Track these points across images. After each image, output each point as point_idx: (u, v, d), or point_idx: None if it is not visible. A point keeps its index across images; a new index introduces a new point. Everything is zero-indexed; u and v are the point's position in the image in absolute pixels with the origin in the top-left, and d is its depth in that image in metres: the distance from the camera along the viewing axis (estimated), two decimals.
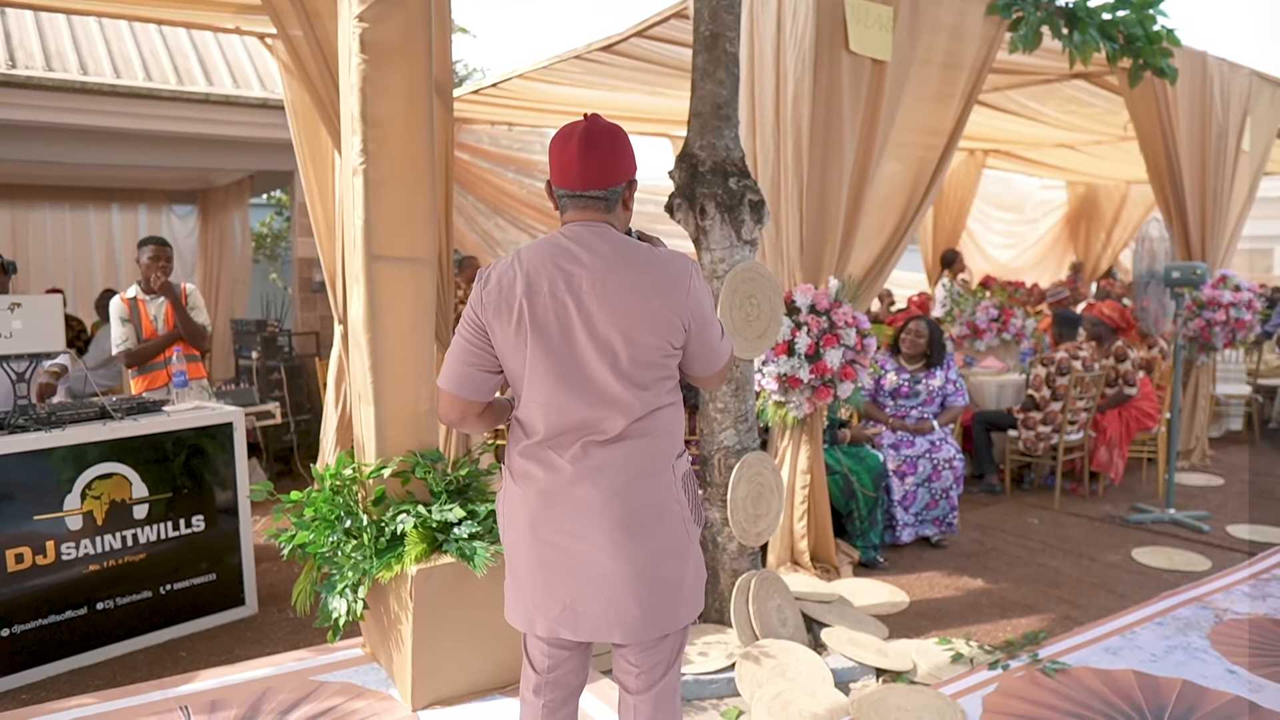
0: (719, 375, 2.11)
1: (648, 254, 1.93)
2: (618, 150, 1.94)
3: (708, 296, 1.99)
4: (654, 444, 1.96)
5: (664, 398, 1.97)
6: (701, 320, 1.96)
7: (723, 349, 2.07)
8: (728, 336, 2.09)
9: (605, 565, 1.92)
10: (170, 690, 3.23)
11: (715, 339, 2.03)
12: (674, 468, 2.00)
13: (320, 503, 3.15)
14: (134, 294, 5.01)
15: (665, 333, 1.91)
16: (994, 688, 3.40)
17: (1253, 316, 6.72)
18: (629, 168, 1.97)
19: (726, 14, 3.55)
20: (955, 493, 5.08)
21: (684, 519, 2.00)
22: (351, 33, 3.07)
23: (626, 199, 2.00)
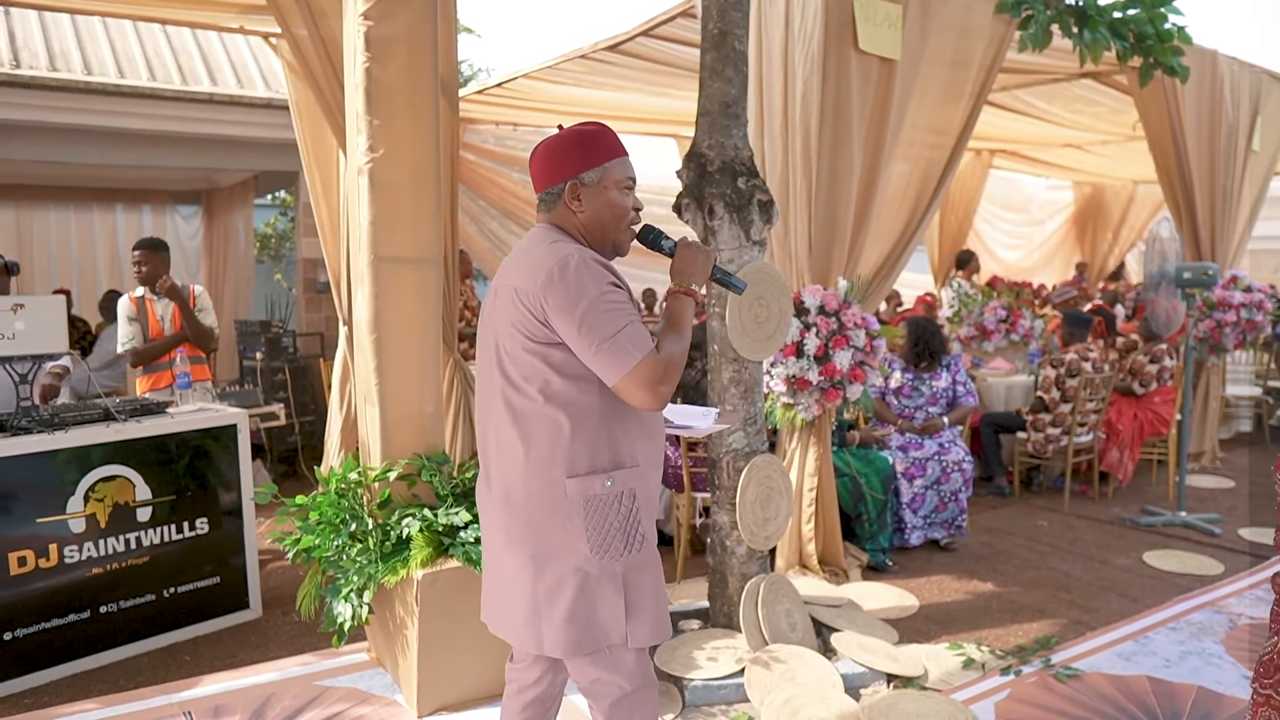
0: (631, 388, 1.84)
1: (536, 247, 1.94)
2: (556, 153, 2.00)
3: (580, 293, 1.83)
4: (536, 454, 1.92)
5: (543, 404, 1.91)
6: (566, 316, 1.83)
7: (606, 355, 1.83)
8: (626, 348, 1.82)
9: (495, 567, 2.07)
10: (174, 695, 3.20)
11: (586, 342, 1.84)
12: (566, 488, 1.90)
13: (325, 506, 3.11)
14: (142, 293, 4.99)
15: (520, 323, 1.90)
16: (1006, 694, 3.36)
17: (1264, 317, 6.66)
18: (567, 168, 1.98)
19: (735, 11, 3.51)
20: (964, 495, 5.03)
21: (566, 550, 1.92)
22: (357, 31, 3.04)
23: (568, 198, 1.99)
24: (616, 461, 1.94)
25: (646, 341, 1.85)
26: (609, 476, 1.92)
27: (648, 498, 2.01)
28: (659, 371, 1.83)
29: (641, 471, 1.98)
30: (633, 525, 1.94)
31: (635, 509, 1.94)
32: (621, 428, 1.95)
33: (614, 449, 1.94)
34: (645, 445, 2.01)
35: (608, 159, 2.00)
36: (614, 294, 1.85)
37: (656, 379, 1.83)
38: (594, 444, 1.91)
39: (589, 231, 2.00)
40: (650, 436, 2.05)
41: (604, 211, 1.99)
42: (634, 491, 1.94)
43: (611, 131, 2.05)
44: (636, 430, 1.99)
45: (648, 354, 1.83)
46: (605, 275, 1.87)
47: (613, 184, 1.99)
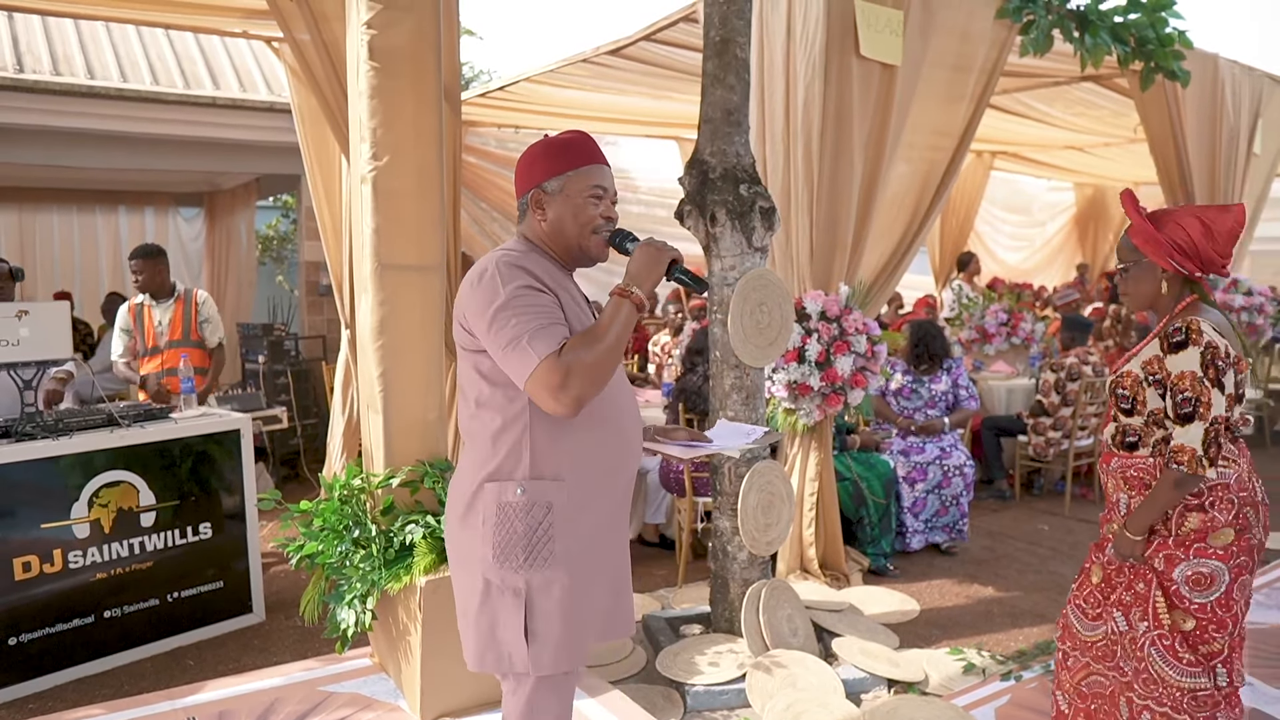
0: (535, 392, 1.77)
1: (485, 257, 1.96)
2: (523, 164, 2.01)
3: (492, 296, 1.81)
4: (469, 457, 1.95)
5: (475, 410, 1.92)
6: (480, 320, 1.83)
7: (511, 359, 1.79)
8: (526, 350, 1.77)
9: None
10: (178, 701, 3.21)
11: (494, 345, 1.81)
12: (484, 491, 1.89)
13: (328, 513, 3.13)
14: (141, 300, 5.01)
15: (456, 332, 1.94)
16: (1007, 699, 3.37)
17: (1265, 321, 6.67)
18: (532, 178, 1.98)
19: (737, 19, 3.52)
20: (965, 500, 5.04)
21: (476, 554, 1.89)
22: (360, 40, 3.05)
23: (532, 207, 1.99)
24: (535, 471, 1.87)
25: (549, 346, 1.76)
26: (523, 485, 1.86)
27: (571, 513, 1.89)
28: (558, 375, 1.73)
29: (564, 487, 1.88)
30: (539, 538, 1.86)
31: (547, 523, 1.86)
32: (549, 438, 1.87)
33: (535, 458, 1.87)
34: (579, 460, 1.91)
35: (571, 167, 1.96)
36: (526, 295, 1.80)
37: (556, 384, 1.73)
38: (515, 451, 1.88)
39: (552, 239, 1.98)
40: (590, 454, 1.93)
41: (565, 219, 1.95)
42: (549, 504, 1.86)
43: (585, 141, 2.01)
44: (569, 443, 1.89)
45: (547, 356, 1.74)
46: (521, 276, 1.83)
47: (575, 192, 1.95)
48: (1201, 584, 2.28)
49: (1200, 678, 2.26)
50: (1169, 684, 2.28)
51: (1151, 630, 2.31)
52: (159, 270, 4.99)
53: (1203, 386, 2.22)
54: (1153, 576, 2.33)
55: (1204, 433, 2.21)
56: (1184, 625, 2.28)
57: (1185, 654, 2.27)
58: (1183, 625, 2.28)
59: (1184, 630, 2.28)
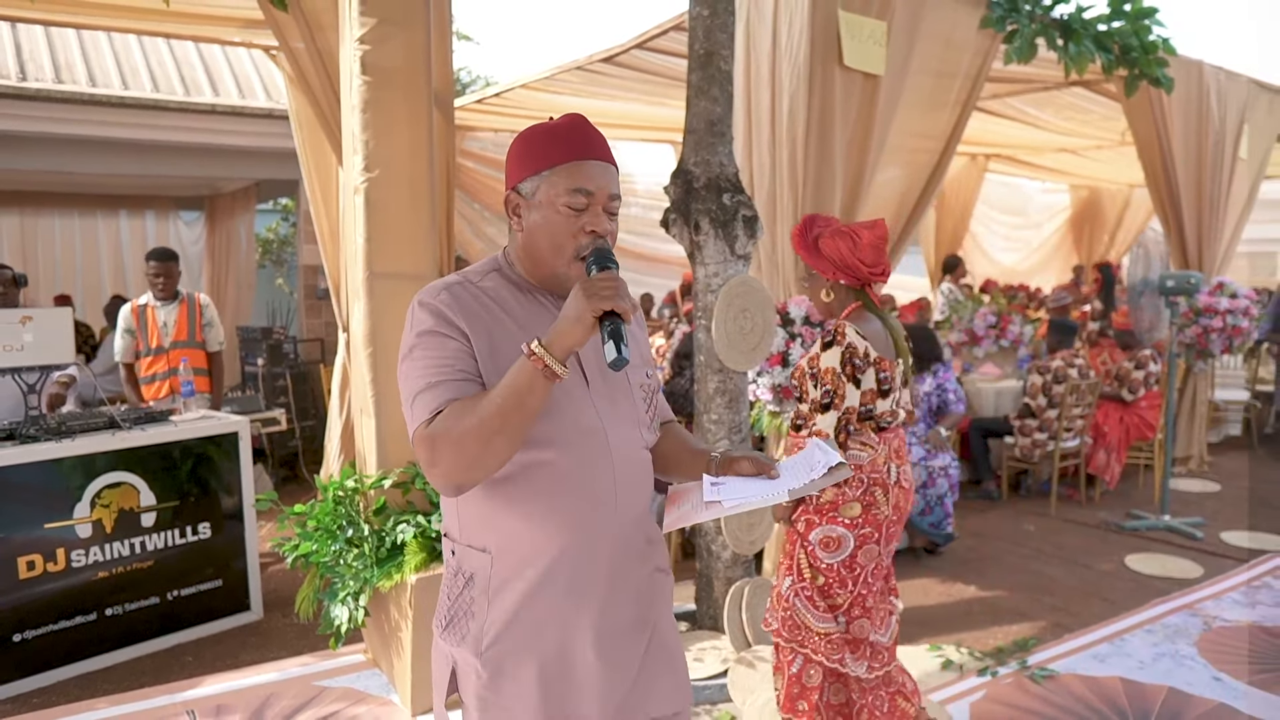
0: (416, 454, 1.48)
1: None
2: (507, 158, 1.61)
3: (403, 344, 1.55)
4: None
5: None
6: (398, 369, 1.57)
7: (406, 410, 1.52)
8: (409, 413, 1.51)
9: None
10: (177, 695, 3.32)
11: (403, 398, 1.54)
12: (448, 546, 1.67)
13: (323, 513, 3.23)
14: (145, 301, 5.10)
15: None
16: (982, 695, 3.46)
17: (1249, 323, 6.76)
18: (510, 176, 1.60)
19: (721, 33, 3.62)
20: (950, 500, 5.13)
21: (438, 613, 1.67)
22: (353, 55, 3.15)
23: (509, 213, 1.60)
24: (465, 535, 1.61)
25: (424, 411, 1.47)
26: (453, 547, 1.63)
27: (494, 595, 1.56)
28: (424, 450, 1.44)
29: (489, 560, 1.56)
30: (459, 611, 1.59)
31: (468, 597, 1.58)
32: (477, 503, 1.57)
33: (464, 519, 1.61)
34: (504, 535, 1.56)
35: (549, 164, 1.52)
36: (423, 343, 1.50)
37: (424, 458, 1.45)
38: (454, 507, 1.63)
39: (524, 255, 1.60)
40: (519, 530, 1.55)
41: (535, 234, 1.55)
42: (470, 576, 1.58)
43: (574, 127, 1.56)
44: (495, 513, 1.56)
45: (417, 428, 1.46)
46: (428, 320, 1.51)
47: (552, 198, 1.52)
48: (830, 546, 2.68)
49: (829, 623, 2.68)
50: (810, 629, 2.69)
51: (796, 583, 2.72)
52: (177, 272, 5.12)
53: (839, 381, 2.64)
54: (796, 538, 2.75)
55: (836, 420, 2.64)
56: (817, 581, 2.70)
57: (820, 603, 2.69)
58: (816, 580, 2.70)
59: (818, 585, 2.70)
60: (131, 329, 5.07)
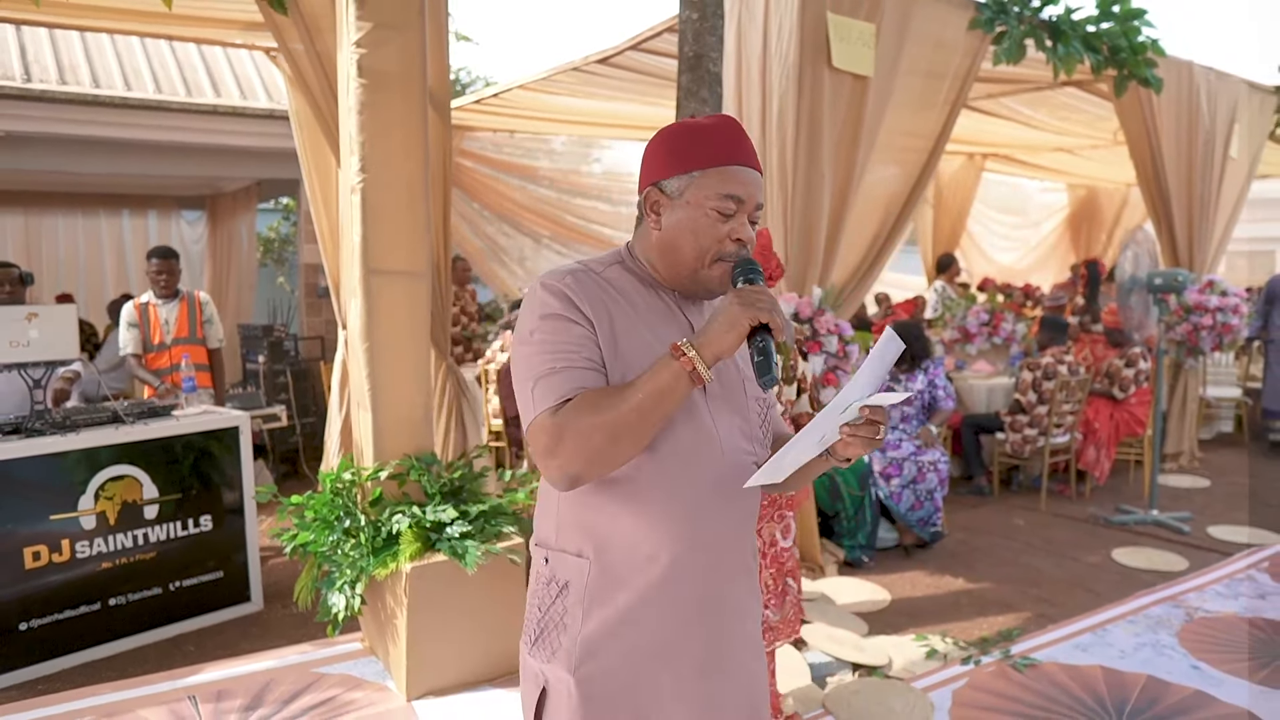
0: (532, 449, 1.43)
1: None
2: (647, 153, 1.57)
3: (521, 326, 1.50)
4: None
5: None
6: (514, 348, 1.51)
7: (522, 405, 1.47)
8: (529, 398, 1.44)
9: None
10: (179, 681, 3.41)
11: (515, 373, 1.49)
12: (540, 554, 1.58)
13: (320, 504, 3.32)
14: (147, 299, 5.20)
15: None
16: (964, 682, 3.54)
17: (1239, 321, 6.83)
18: (651, 172, 1.54)
19: (709, 36, 3.70)
20: (940, 495, 5.21)
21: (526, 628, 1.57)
22: (350, 58, 3.24)
23: (646, 210, 1.54)
24: (560, 540, 1.53)
25: (549, 398, 1.41)
26: (547, 555, 1.55)
27: (590, 606, 1.48)
28: (546, 438, 1.39)
29: (586, 567, 1.49)
30: (551, 623, 1.51)
31: (560, 607, 1.50)
32: (579, 503, 1.51)
33: (563, 522, 1.53)
34: (605, 538, 1.49)
35: (701, 165, 1.48)
36: (547, 327, 1.45)
37: (543, 447, 1.40)
38: (549, 511, 1.56)
39: (662, 257, 1.53)
40: (625, 532, 1.48)
41: (681, 236, 1.49)
42: (565, 584, 1.50)
43: (727, 129, 1.51)
44: (595, 513, 1.50)
45: (540, 414, 1.40)
46: (554, 302, 1.45)
47: (700, 200, 1.47)
48: None
49: None
50: None
51: None
52: (178, 270, 5.22)
53: None
54: None
55: None
56: None
57: None
58: None
59: None
60: (135, 323, 5.16)
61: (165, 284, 5.14)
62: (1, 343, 3.68)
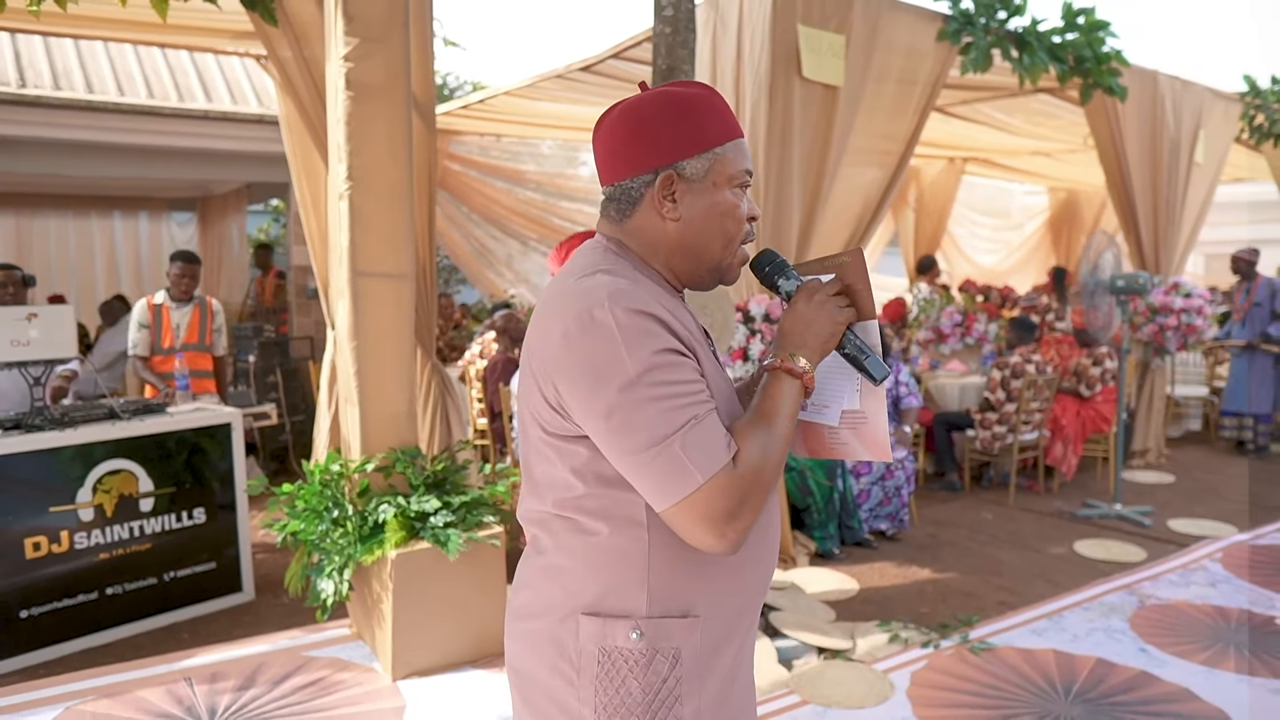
0: (686, 522, 1.19)
1: (561, 284, 1.31)
2: (640, 126, 1.32)
3: (610, 367, 1.19)
4: (546, 567, 1.34)
5: (571, 511, 1.30)
6: (587, 403, 1.21)
7: (650, 470, 1.19)
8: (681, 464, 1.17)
9: None
10: (176, 664, 3.58)
11: (619, 447, 1.20)
12: (576, 625, 1.29)
13: (310, 495, 3.48)
14: (161, 300, 5.30)
15: (532, 403, 1.31)
16: (923, 664, 3.73)
17: (1203, 321, 7.05)
18: (658, 150, 1.30)
19: (681, 49, 3.88)
20: (906, 491, 5.41)
21: (569, 711, 1.29)
22: (338, 71, 3.41)
23: (657, 199, 1.32)
24: (657, 606, 1.28)
25: (719, 450, 1.19)
26: (639, 627, 1.26)
27: (702, 664, 1.30)
28: (732, 500, 1.17)
29: (698, 625, 1.29)
30: (663, 703, 1.27)
31: (674, 679, 1.27)
32: (677, 556, 1.28)
33: (656, 587, 1.27)
34: (717, 586, 1.31)
35: (722, 140, 1.32)
36: (668, 369, 1.19)
37: (726, 511, 1.17)
38: (629, 576, 1.27)
39: (682, 251, 1.34)
40: (733, 572, 1.33)
41: (710, 222, 1.32)
42: (676, 653, 1.27)
43: (723, 102, 1.35)
44: (707, 562, 1.29)
45: (719, 473, 1.17)
46: (656, 336, 1.20)
47: (725, 179, 1.32)
48: None
49: None
50: None
51: None
52: (199, 275, 5.32)
53: None
54: None
55: None
56: None
57: None
58: None
59: None
60: (146, 324, 5.24)
61: (184, 288, 5.24)
62: (3, 341, 3.84)
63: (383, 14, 3.43)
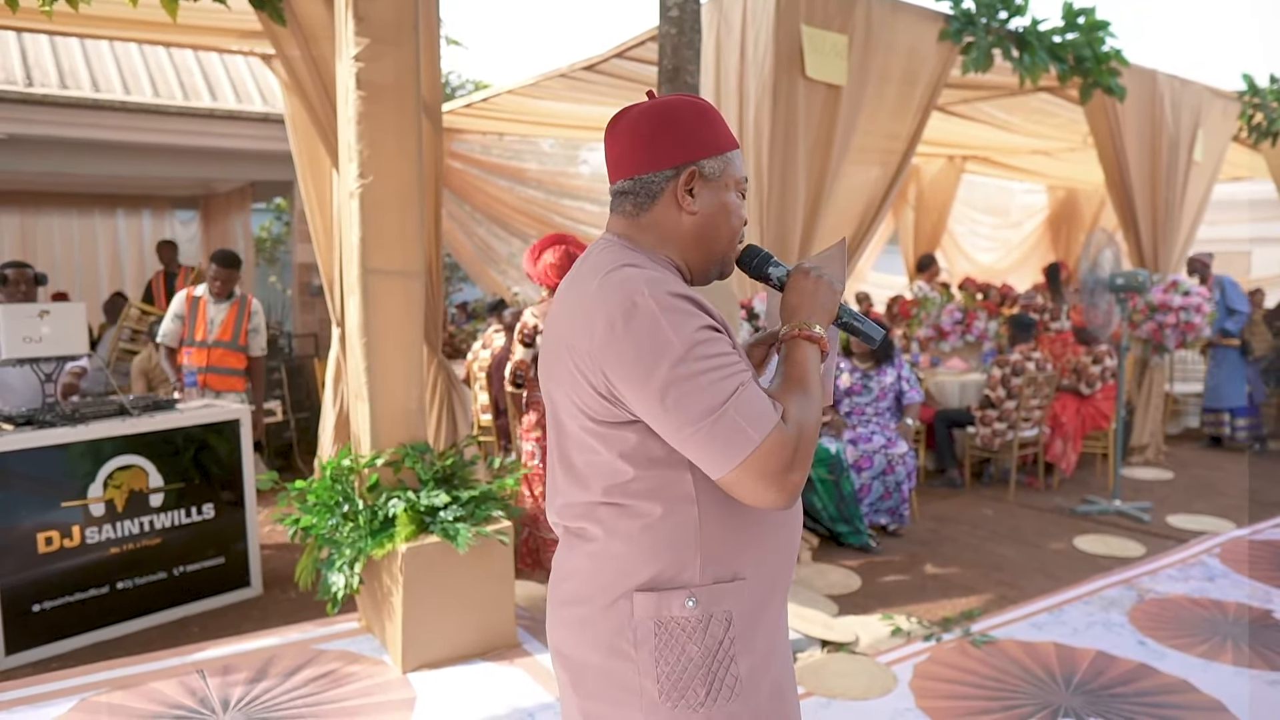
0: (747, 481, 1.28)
1: (590, 279, 1.39)
2: (665, 127, 1.42)
3: (659, 347, 1.28)
4: (593, 552, 1.42)
5: (618, 497, 1.38)
6: (641, 385, 1.29)
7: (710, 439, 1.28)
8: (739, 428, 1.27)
9: None
10: (188, 656, 3.62)
11: (675, 422, 1.29)
12: (631, 602, 1.37)
13: (321, 489, 3.53)
14: (201, 293, 5.32)
15: (575, 395, 1.38)
16: (926, 657, 3.78)
17: (1201, 319, 7.10)
18: (685, 149, 1.42)
19: (687, 49, 3.93)
20: (907, 486, 5.46)
21: (632, 688, 1.37)
22: (349, 71, 3.45)
23: (679, 193, 1.42)
24: (710, 573, 1.37)
25: (768, 411, 1.29)
26: (694, 594, 1.36)
27: (751, 623, 1.40)
28: (787, 454, 1.28)
29: (745, 587, 1.40)
30: (721, 662, 1.36)
31: (729, 640, 1.37)
32: (725, 525, 1.38)
33: (708, 555, 1.37)
34: (761, 548, 1.43)
35: (731, 148, 1.46)
36: (711, 343, 1.29)
37: (783, 465, 1.28)
38: (681, 549, 1.37)
39: (696, 243, 1.45)
40: (773, 534, 1.44)
41: (720, 218, 1.45)
42: (728, 616, 1.37)
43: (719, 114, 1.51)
44: (749, 527, 1.41)
45: (772, 431, 1.28)
46: (695, 315, 1.31)
47: (733, 183, 1.46)
48: None
49: None
50: None
51: None
52: (237, 278, 5.32)
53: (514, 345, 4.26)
54: None
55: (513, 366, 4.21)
56: None
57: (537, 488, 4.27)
58: None
59: None
60: (181, 314, 5.24)
61: (218, 290, 5.24)
62: (15, 338, 3.88)
63: (393, 15, 3.48)
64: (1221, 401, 8.02)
